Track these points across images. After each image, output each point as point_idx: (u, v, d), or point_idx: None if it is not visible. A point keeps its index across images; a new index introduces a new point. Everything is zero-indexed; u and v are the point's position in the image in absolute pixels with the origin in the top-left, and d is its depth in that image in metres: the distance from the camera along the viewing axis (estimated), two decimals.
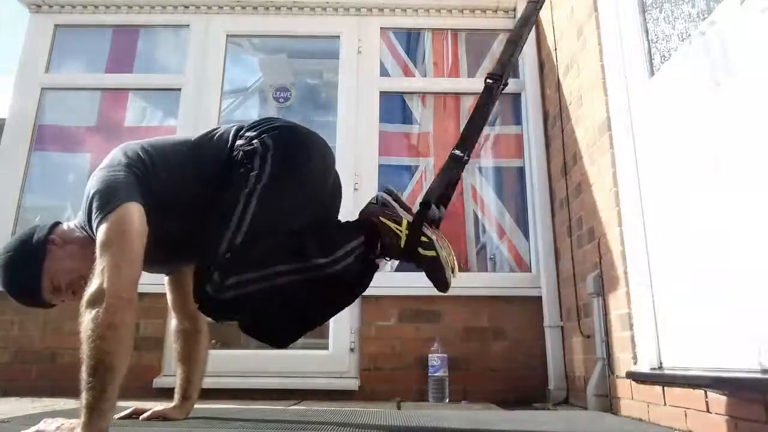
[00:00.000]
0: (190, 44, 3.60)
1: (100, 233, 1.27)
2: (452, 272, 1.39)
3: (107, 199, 1.30)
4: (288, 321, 1.47)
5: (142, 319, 3.00)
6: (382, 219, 1.44)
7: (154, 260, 1.44)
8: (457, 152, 1.49)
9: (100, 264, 1.24)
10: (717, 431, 1.50)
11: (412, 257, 1.42)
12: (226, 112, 3.78)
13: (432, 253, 1.39)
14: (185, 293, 1.69)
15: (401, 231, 1.41)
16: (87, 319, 1.20)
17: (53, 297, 1.43)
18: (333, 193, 1.60)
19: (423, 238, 1.40)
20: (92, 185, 1.36)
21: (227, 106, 3.86)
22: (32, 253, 1.40)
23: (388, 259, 1.51)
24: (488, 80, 1.57)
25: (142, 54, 3.70)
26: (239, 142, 1.45)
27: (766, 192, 1.39)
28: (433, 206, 1.45)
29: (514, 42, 1.63)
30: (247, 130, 1.47)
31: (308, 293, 1.42)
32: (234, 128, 1.52)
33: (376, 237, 1.44)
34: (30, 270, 1.39)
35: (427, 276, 1.42)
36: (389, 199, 1.48)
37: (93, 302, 1.20)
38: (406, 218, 1.44)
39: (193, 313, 1.71)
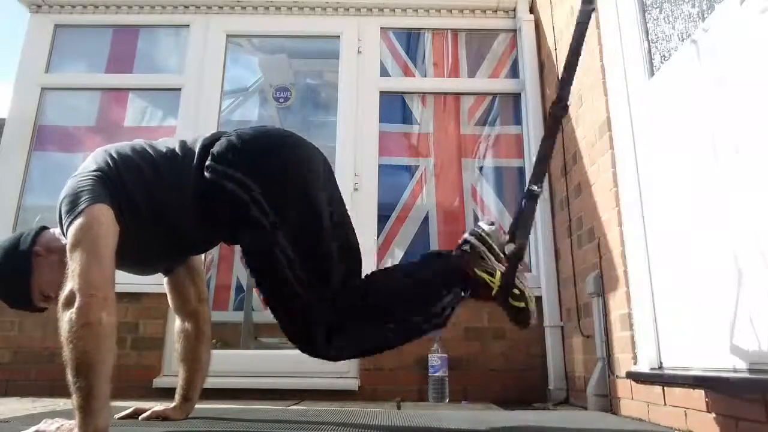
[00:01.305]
0: (190, 44, 3.60)
1: (69, 235, 1.28)
2: (534, 312, 1.48)
3: (74, 203, 1.31)
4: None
5: (142, 319, 3.01)
6: (477, 271, 1.47)
7: (134, 261, 1.46)
8: (535, 188, 1.50)
9: (70, 266, 1.24)
10: (717, 431, 1.50)
11: (500, 303, 1.48)
12: (226, 112, 3.78)
13: (521, 304, 1.46)
14: (185, 293, 1.70)
15: (494, 282, 1.46)
16: (63, 321, 1.20)
17: (45, 303, 1.45)
18: (330, 181, 1.56)
19: (514, 290, 1.46)
20: (63, 193, 1.37)
21: (227, 106, 3.87)
22: (17, 266, 1.41)
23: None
24: (555, 111, 1.57)
25: (142, 54, 3.70)
26: (208, 175, 1.39)
27: (766, 193, 1.39)
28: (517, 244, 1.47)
29: (571, 65, 1.63)
30: (214, 160, 1.40)
31: (394, 344, 1.48)
32: (197, 149, 1.44)
33: (468, 285, 1.49)
34: (18, 284, 1.41)
35: (510, 319, 1.50)
36: (483, 249, 1.49)
37: (67, 304, 1.21)
38: (499, 270, 1.47)
39: (194, 314, 1.71)
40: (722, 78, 1.61)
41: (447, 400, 2.80)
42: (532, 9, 3.60)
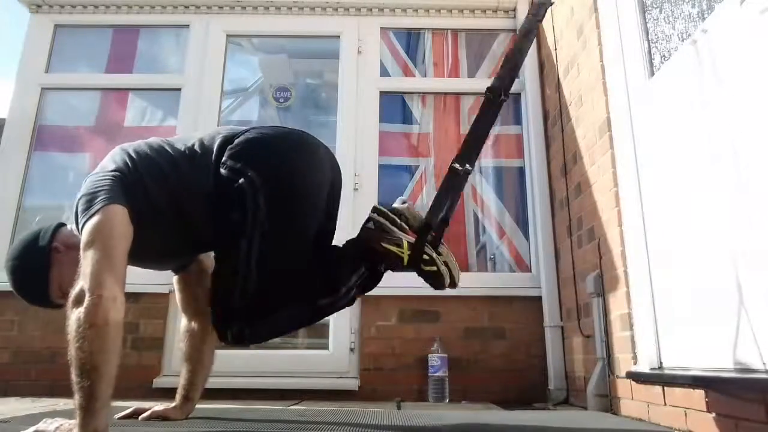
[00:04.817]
0: (190, 44, 3.60)
1: (83, 234, 1.30)
2: (455, 275, 1.49)
3: (90, 203, 1.33)
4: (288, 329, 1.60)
5: (142, 319, 3.01)
6: (383, 245, 1.50)
7: (148, 259, 1.50)
8: (456, 165, 1.53)
9: (82, 264, 1.26)
10: (717, 431, 1.50)
11: (414, 271, 1.51)
12: (226, 112, 3.78)
13: (433, 268, 1.47)
14: (193, 293, 1.71)
15: (403, 252, 1.48)
16: (71, 320, 1.21)
17: (64, 300, 1.43)
18: (331, 200, 1.61)
19: (424, 257, 1.48)
20: (81, 191, 1.39)
21: (227, 106, 3.86)
22: (37, 261, 1.43)
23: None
24: (487, 93, 1.57)
25: (142, 54, 3.70)
26: (223, 171, 1.43)
27: (765, 191, 1.39)
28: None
29: (514, 58, 1.60)
30: (230, 157, 1.44)
31: (313, 318, 1.58)
32: (216, 147, 1.48)
33: (379, 260, 1.52)
34: (37, 279, 1.42)
35: (429, 284, 1.51)
36: (385, 222, 1.53)
37: (76, 302, 1.22)
38: (406, 239, 1.50)
39: (201, 314, 1.71)
40: (722, 78, 1.61)
41: (447, 400, 2.80)
42: None
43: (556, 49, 3.10)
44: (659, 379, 1.84)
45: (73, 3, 3.67)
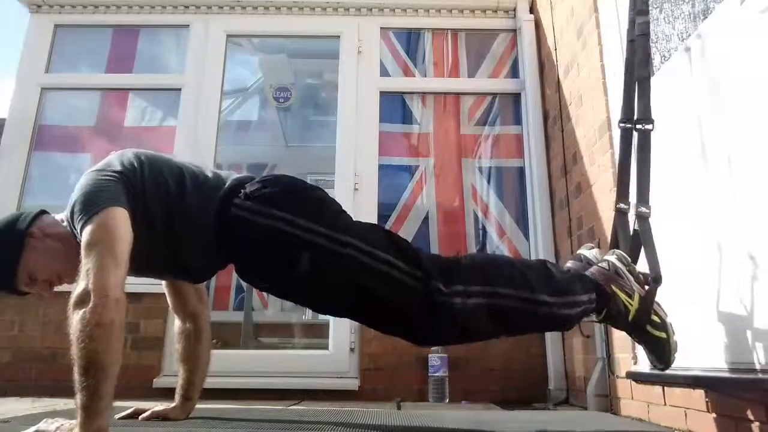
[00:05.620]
0: (190, 44, 3.60)
1: (85, 234, 1.27)
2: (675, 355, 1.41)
3: (94, 202, 1.30)
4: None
5: (142, 319, 3.01)
6: (615, 288, 1.43)
7: (140, 267, 1.44)
8: (644, 210, 1.49)
9: (85, 265, 1.24)
10: (717, 431, 1.50)
11: (637, 332, 1.43)
12: (226, 112, 3.78)
13: (662, 334, 1.41)
14: (184, 293, 1.70)
15: (632, 305, 1.41)
16: (75, 320, 1.20)
17: (27, 287, 1.42)
18: None
19: (654, 317, 1.41)
20: (81, 185, 1.36)
21: (227, 106, 3.87)
22: (10, 244, 1.38)
23: (600, 322, 1.50)
24: (641, 126, 1.54)
25: (142, 54, 3.70)
26: (242, 213, 1.38)
27: (764, 191, 1.39)
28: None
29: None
30: (251, 200, 1.39)
31: (520, 322, 1.41)
32: (228, 185, 1.44)
33: (605, 303, 1.43)
34: (6, 262, 1.38)
35: (648, 353, 1.45)
36: (623, 268, 1.46)
37: (80, 303, 1.21)
38: (639, 293, 1.43)
39: (193, 314, 1.71)
40: (722, 78, 1.61)
41: (447, 400, 2.80)
42: (532, 9, 3.60)
43: (556, 49, 3.10)
44: (659, 379, 1.84)
45: (73, 3, 3.67)
